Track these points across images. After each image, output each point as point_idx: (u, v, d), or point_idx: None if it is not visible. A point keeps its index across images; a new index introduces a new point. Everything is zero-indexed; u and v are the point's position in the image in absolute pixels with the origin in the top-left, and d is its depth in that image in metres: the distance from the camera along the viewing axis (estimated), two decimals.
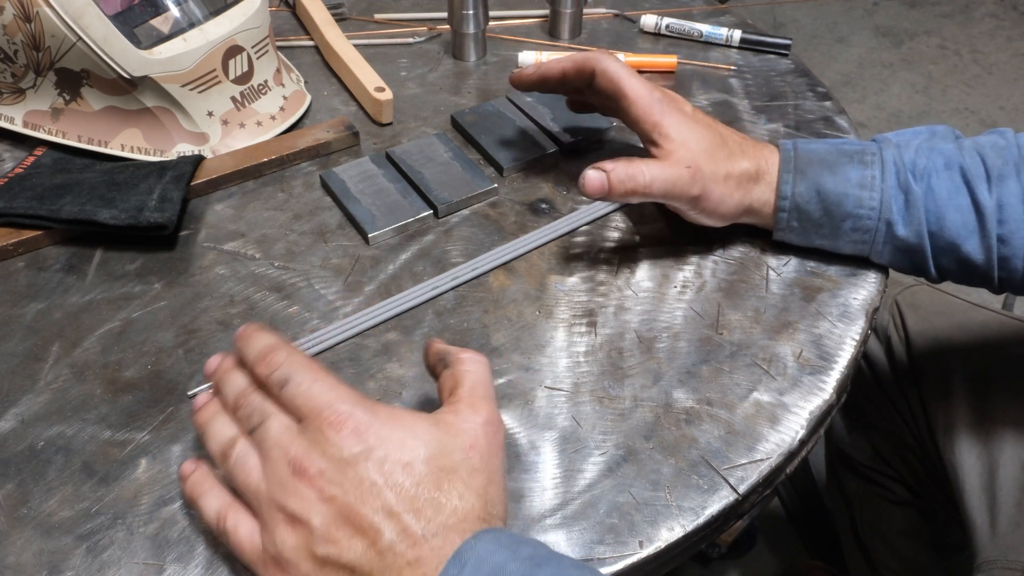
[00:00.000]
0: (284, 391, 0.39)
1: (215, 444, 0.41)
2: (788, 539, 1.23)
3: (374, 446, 0.37)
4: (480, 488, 0.38)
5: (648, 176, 0.53)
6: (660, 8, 0.87)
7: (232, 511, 0.40)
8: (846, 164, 0.54)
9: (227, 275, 0.58)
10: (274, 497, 0.38)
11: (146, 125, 0.65)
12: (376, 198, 0.63)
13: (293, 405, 0.39)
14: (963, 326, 0.79)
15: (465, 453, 0.39)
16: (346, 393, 0.39)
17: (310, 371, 0.40)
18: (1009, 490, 0.68)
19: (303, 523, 0.37)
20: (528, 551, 0.36)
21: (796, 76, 0.78)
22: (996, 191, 0.52)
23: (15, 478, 0.46)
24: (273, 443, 0.39)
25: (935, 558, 0.92)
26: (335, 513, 0.36)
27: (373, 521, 0.36)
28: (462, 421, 0.40)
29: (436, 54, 0.81)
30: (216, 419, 0.42)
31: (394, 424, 0.38)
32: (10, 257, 0.59)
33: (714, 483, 0.46)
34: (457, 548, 0.36)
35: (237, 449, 0.40)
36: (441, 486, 0.37)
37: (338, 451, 0.37)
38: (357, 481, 0.37)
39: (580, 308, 0.56)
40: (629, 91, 0.55)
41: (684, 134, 0.54)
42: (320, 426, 0.38)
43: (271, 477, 0.38)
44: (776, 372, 0.52)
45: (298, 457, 0.37)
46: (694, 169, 0.54)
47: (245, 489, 0.39)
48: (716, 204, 0.55)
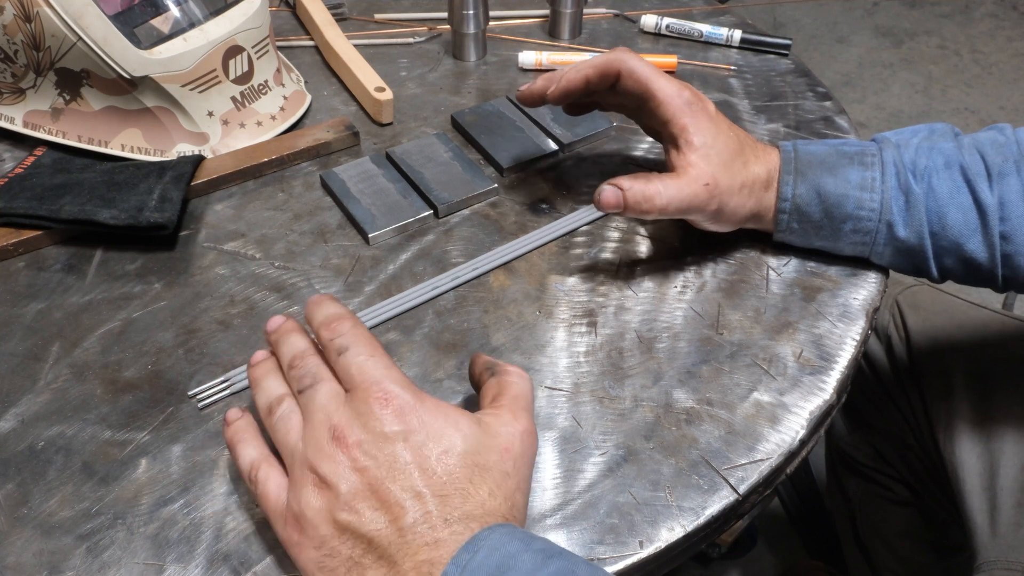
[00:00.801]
0: (341, 358, 0.41)
1: (263, 398, 0.43)
2: (788, 539, 1.23)
3: (415, 429, 0.38)
4: (509, 492, 0.39)
5: (665, 198, 0.52)
6: (660, 8, 0.87)
7: (266, 463, 0.41)
8: (846, 165, 0.54)
9: (227, 275, 0.58)
10: (308, 458, 0.39)
11: (146, 125, 0.65)
12: (376, 198, 0.63)
13: (347, 374, 0.40)
14: (964, 326, 0.79)
15: (500, 455, 0.39)
16: (399, 375, 0.40)
17: (370, 345, 0.41)
18: (1009, 490, 0.68)
19: (331, 487, 0.37)
20: (541, 544, 0.37)
21: (796, 76, 0.78)
22: (997, 188, 0.52)
23: (15, 478, 0.46)
24: (319, 407, 0.40)
25: (935, 558, 0.92)
26: (364, 484, 0.37)
27: (400, 499, 0.37)
28: (502, 425, 0.41)
29: (436, 54, 0.81)
30: (270, 375, 0.44)
31: (437, 413, 0.39)
32: (10, 257, 0.59)
33: (714, 483, 0.46)
34: (472, 535, 0.36)
35: (284, 406, 0.41)
36: (473, 480, 0.38)
37: (379, 426, 0.38)
38: (392, 458, 0.38)
39: (580, 308, 0.56)
40: (658, 92, 0.54)
41: (708, 143, 0.53)
42: (367, 399, 0.39)
43: (309, 438, 0.39)
44: (776, 372, 0.52)
45: (340, 424, 0.39)
46: (712, 186, 0.53)
47: (283, 445, 0.40)
48: (731, 214, 0.55)
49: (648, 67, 0.55)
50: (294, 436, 0.40)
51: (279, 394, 0.42)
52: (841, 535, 1.00)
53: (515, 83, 0.77)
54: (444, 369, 0.52)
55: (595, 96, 0.60)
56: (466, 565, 0.35)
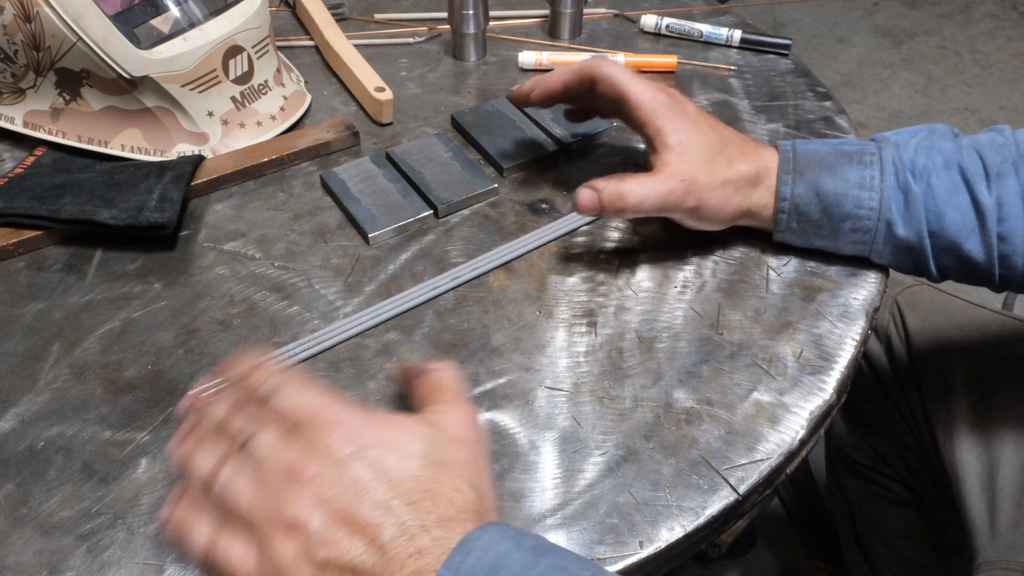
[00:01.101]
0: (273, 401, 0.40)
1: (196, 477, 0.39)
2: (788, 539, 1.23)
3: (368, 445, 0.38)
4: (471, 479, 0.39)
5: (639, 195, 0.54)
6: (660, 8, 0.87)
7: (222, 538, 0.38)
8: (845, 165, 0.54)
9: (227, 275, 0.58)
10: (270, 507, 0.37)
11: (146, 125, 0.65)
12: (376, 198, 0.63)
13: (285, 414, 0.39)
14: (963, 326, 0.79)
15: (454, 446, 0.39)
16: (336, 398, 0.40)
17: (299, 380, 0.40)
18: (1009, 490, 0.68)
19: (301, 528, 0.36)
20: (531, 542, 0.36)
21: (796, 76, 0.78)
22: (995, 189, 0.52)
23: (15, 478, 0.46)
24: (266, 454, 0.38)
25: (935, 558, 0.92)
26: (332, 514, 0.36)
27: (371, 519, 0.36)
28: (445, 417, 0.41)
29: (436, 54, 0.81)
30: (198, 451, 0.40)
31: (385, 424, 0.39)
32: (10, 257, 0.59)
33: (714, 483, 0.46)
34: (462, 537, 0.36)
35: (225, 472, 0.39)
36: (437, 479, 0.38)
37: (332, 452, 0.37)
38: (353, 480, 0.37)
39: (580, 308, 0.56)
40: (632, 95, 0.55)
41: (684, 142, 0.54)
42: (312, 430, 0.38)
43: (265, 488, 0.37)
44: (776, 372, 0.52)
45: (292, 462, 0.37)
46: (688, 182, 0.54)
47: (237, 508, 0.38)
48: (714, 211, 0.55)
49: (623, 72, 0.56)
50: (247, 495, 0.37)
51: (211, 465, 0.39)
52: (841, 535, 1.00)
53: (515, 83, 0.77)
54: None
55: (580, 100, 0.63)
56: (458, 568, 0.34)
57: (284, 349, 0.52)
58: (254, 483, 0.38)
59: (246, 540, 0.37)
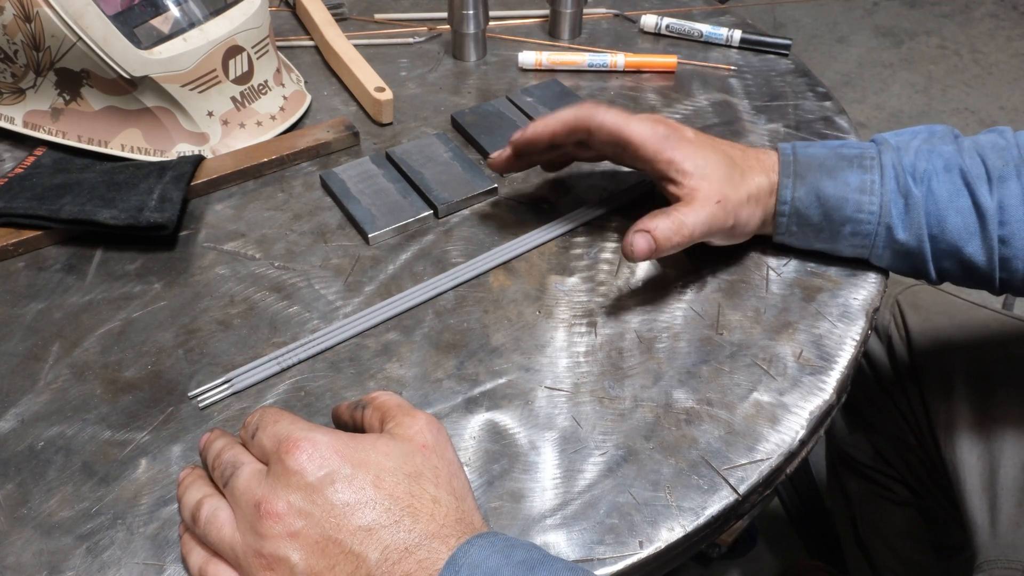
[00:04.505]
0: (255, 438, 0.40)
1: (185, 511, 0.41)
2: (788, 539, 1.23)
3: (337, 466, 0.38)
4: (446, 484, 0.39)
5: (690, 226, 0.52)
6: (660, 8, 0.87)
7: (211, 566, 0.39)
8: (845, 168, 0.54)
9: (227, 275, 0.58)
10: (249, 544, 0.37)
11: (146, 125, 0.65)
12: (376, 198, 0.63)
13: (261, 448, 0.40)
14: (964, 326, 0.79)
15: (423, 454, 0.39)
16: (307, 424, 0.40)
17: (276, 414, 0.41)
18: (1010, 490, 0.68)
19: (283, 563, 0.36)
20: (521, 555, 0.36)
21: (796, 76, 0.78)
22: (997, 192, 0.52)
23: (15, 478, 0.46)
24: (242, 491, 0.38)
25: (935, 558, 0.92)
26: (312, 545, 0.36)
27: (352, 545, 0.36)
28: (407, 428, 0.41)
29: (436, 54, 0.81)
30: (190, 488, 0.41)
31: (353, 443, 0.39)
32: (10, 257, 0.59)
33: (714, 483, 0.46)
34: (451, 555, 0.36)
35: (205, 508, 0.39)
36: (414, 493, 0.38)
37: (302, 478, 0.37)
38: (328, 507, 0.37)
39: (580, 308, 0.56)
40: (633, 136, 0.54)
41: (701, 165, 0.53)
42: (280, 458, 0.38)
43: (243, 525, 0.38)
44: (776, 372, 0.52)
45: (264, 497, 0.37)
46: (724, 202, 0.53)
47: (219, 545, 0.38)
48: (743, 225, 0.55)
49: (616, 115, 0.55)
50: (228, 531, 0.38)
51: (197, 499, 0.40)
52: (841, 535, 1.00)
53: (515, 83, 0.77)
54: (444, 369, 0.52)
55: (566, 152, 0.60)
56: None
57: (284, 349, 0.52)
58: (231, 521, 0.39)
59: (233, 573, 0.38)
